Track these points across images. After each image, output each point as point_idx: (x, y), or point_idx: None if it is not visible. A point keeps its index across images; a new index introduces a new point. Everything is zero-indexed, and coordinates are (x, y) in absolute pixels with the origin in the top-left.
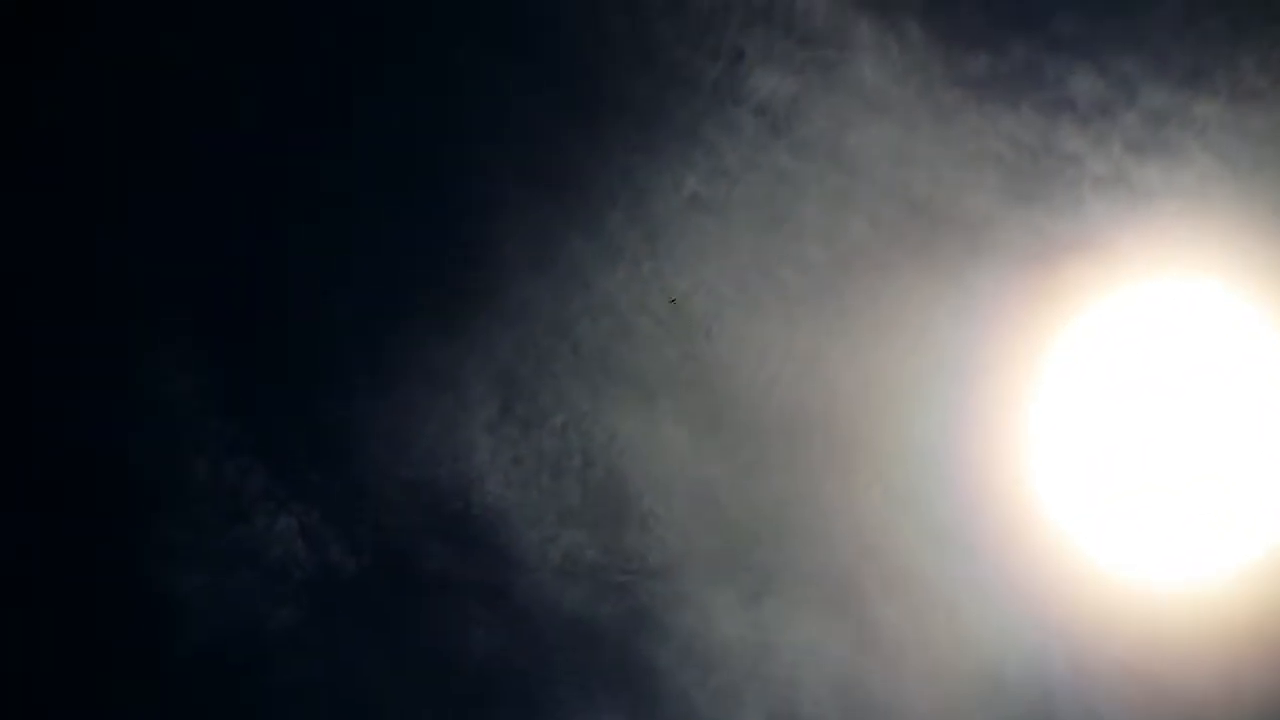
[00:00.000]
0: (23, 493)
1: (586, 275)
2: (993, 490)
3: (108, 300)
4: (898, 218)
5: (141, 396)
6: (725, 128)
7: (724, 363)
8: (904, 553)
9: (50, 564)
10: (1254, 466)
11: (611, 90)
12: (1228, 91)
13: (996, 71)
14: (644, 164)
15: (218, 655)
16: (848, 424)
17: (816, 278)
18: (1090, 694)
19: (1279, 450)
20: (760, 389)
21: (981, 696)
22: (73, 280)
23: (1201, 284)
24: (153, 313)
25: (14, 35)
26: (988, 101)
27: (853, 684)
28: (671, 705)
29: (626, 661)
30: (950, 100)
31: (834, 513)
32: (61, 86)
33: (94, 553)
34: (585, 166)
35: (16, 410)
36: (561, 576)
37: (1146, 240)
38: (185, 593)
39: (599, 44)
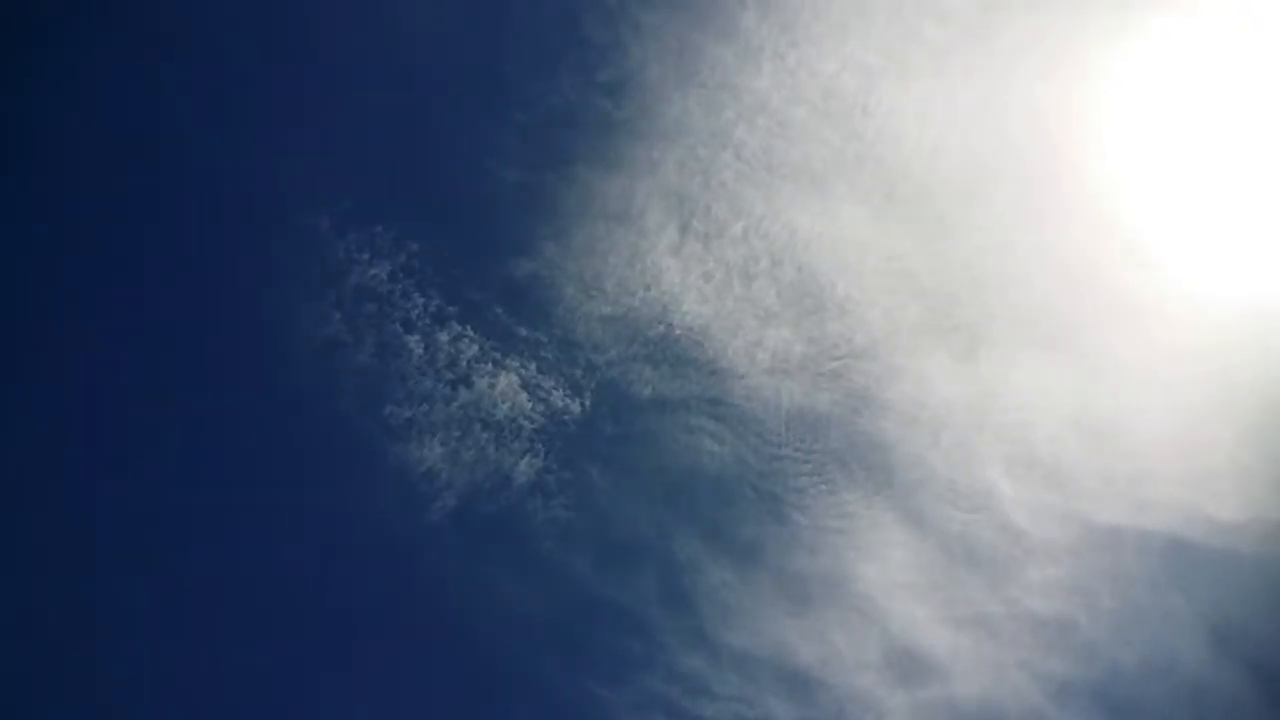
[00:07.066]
0: (260, 390)
1: (733, 80)
2: (1185, 201)
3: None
4: None
5: (348, 283)
6: None
7: (888, 135)
8: (1111, 277)
9: (292, 454)
10: None
11: None
12: None
13: None
14: None
15: (471, 515)
16: (1026, 166)
17: (964, 28)
18: None
19: None
20: (929, 152)
21: (1212, 400)
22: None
23: None
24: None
25: None
26: None
27: (1085, 414)
28: (907, 472)
29: (855, 441)
30: None
31: (1033, 254)
32: None
33: (334, 439)
34: None
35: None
36: (774, 375)
37: None
38: (429, 463)
39: None
